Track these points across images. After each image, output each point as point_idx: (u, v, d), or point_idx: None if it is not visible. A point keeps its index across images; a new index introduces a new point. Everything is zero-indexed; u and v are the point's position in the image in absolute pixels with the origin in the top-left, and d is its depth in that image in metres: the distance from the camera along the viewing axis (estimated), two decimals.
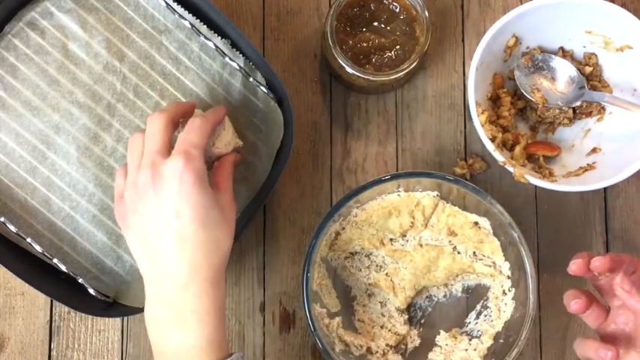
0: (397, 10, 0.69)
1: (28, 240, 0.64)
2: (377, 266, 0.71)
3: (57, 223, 0.66)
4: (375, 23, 0.69)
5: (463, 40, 0.75)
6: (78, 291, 0.65)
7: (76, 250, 0.67)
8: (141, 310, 0.65)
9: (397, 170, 0.74)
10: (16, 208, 0.66)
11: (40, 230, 0.66)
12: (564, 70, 0.72)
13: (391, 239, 0.70)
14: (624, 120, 0.71)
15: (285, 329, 0.72)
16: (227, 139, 0.64)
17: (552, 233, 0.74)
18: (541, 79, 0.71)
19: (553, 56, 0.72)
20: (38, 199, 0.66)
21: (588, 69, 0.72)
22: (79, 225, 0.66)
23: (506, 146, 0.72)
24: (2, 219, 0.64)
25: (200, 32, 0.67)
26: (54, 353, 0.71)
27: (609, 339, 0.56)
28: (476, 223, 0.69)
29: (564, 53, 0.73)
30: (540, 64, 0.72)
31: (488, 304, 0.70)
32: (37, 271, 0.65)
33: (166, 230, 0.55)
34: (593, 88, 0.72)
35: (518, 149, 0.71)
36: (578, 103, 0.71)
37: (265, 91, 0.67)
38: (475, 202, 0.67)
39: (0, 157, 0.65)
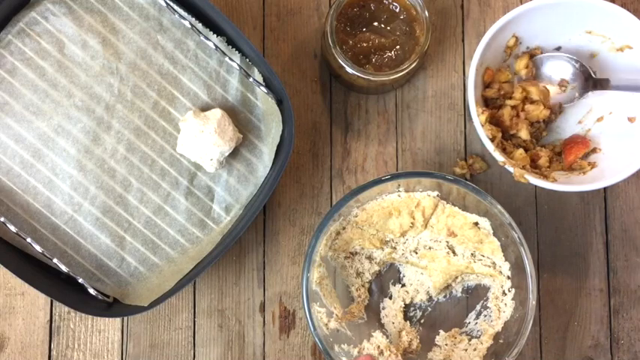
0: (397, 10, 0.69)
1: (28, 240, 0.64)
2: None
3: (60, 226, 0.66)
4: (375, 23, 0.69)
5: (463, 40, 0.75)
6: (78, 291, 0.65)
7: (80, 253, 0.67)
8: (141, 309, 0.65)
9: (397, 170, 0.74)
10: (20, 211, 0.66)
11: (43, 233, 0.66)
12: (562, 71, 0.72)
13: (391, 241, 0.70)
14: (624, 120, 0.71)
15: (285, 329, 0.72)
16: (230, 134, 0.65)
17: (552, 233, 0.74)
18: (545, 83, 0.72)
19: (549, 57, 0.72)
20: (41, 202, 0.66)
21: None
22: (83, 228, 0.66)
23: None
24: (2, 219, 0.64)
25: (199, 31, 0.67)
26: (54, 353, 0.71)
27: None
28: (476, 224, 0.69)
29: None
30: (539, 72, 0.72)
31: (488, 305, 0.70)
32: (37, 271, 0.65)
33: None
34: (593, 87, 0.72)
35: (518, 152, 0.71)
36: (588, 94, 0.71)
37: (265, 90, 0.67)
38: (475, 203, 0.67)
39: (2, 159, 0.65)
